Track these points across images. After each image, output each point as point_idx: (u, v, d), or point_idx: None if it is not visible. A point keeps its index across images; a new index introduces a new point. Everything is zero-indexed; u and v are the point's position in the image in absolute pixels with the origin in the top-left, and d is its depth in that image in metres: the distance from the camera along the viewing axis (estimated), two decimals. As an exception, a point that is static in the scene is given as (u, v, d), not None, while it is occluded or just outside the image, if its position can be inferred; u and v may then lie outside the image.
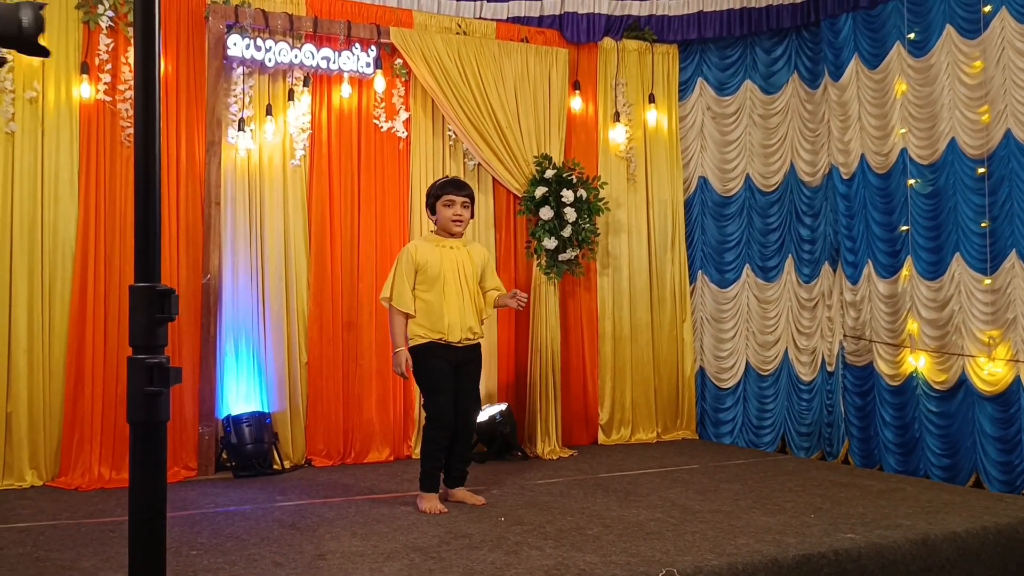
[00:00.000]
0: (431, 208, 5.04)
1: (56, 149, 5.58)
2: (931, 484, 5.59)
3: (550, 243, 6.48)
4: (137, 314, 1.54)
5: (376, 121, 6.48)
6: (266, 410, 6.03)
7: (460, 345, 4.89)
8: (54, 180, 5.57)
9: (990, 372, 5.63)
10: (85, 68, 5.61)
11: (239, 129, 5.99)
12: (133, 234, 5.44)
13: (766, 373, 7.26)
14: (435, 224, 5.05)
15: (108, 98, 5.68)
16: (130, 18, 5.72)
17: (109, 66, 5.69)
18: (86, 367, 5.53)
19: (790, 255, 7.19)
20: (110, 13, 5.66)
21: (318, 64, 6.16)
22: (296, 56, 6.09)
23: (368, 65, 6.32)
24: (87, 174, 5.63)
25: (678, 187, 7.45)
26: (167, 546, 1.62)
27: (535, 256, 6.62)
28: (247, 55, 5.93)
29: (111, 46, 5.70)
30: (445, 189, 4.99)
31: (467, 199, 5.01)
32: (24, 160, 5.50)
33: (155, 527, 1.51)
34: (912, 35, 6.14)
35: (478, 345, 5.02)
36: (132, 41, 5.67)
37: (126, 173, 5.71)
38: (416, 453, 6.47)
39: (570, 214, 6.48)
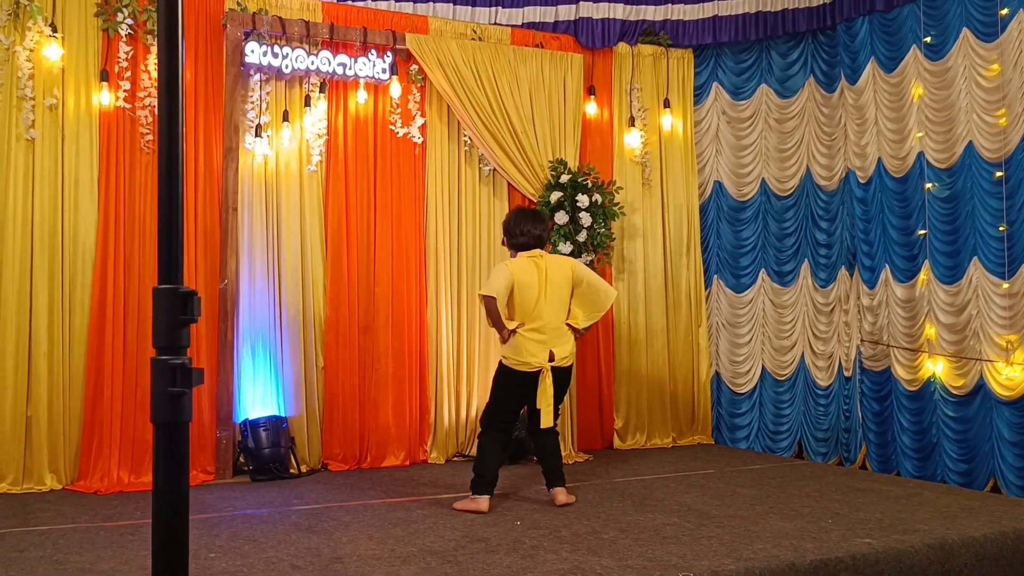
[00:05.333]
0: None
1: (76, 155, 5.64)
2: (949, 489, 5.56)
3: (565, 248, 6.49)
4: (160, 316, 1.56)
5: (392, 127, 6.51)
6: (283, 414, 6.06)
7: None
8: (74, 186, 5.63)
9: (1008, 377, 5.59)
10: (105, 75, 5.66)
11: (256, 135, 6.03)
12: (152, 239, 5.49)
13: (782, 378, 7.23)
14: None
15: (128, 105, 5.73)
16: (149, 25, 5.77)
17: (128, 73, 5.75)
18: (105, 371, 5.57)
19: (806, 259, 7.17)
20: (129, 21, 5.71)
21: (334, 70, 6.20)
22: (312, 62, 6.13)
23: (384, 71, 6.36)
24: (107, 180, 5.69)
25: (693, 192, 7.45)
26: (187, 547, 1.64)
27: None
28: (264, 62, 5.97)
29: (130, 53, 5.75)
30: None
31: None
32: (44, 166, 5.55)
33: (178, 525, 1.53)
34: (928, 38, 6.12)
35: None
36: (151, 49, 5.77)
37: (145, 179, 5.76)
38: (432, 457, 6.50)
39: (585, 219, 6.49)
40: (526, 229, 5.20)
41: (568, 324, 5.12)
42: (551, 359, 5.00)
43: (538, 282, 5.05)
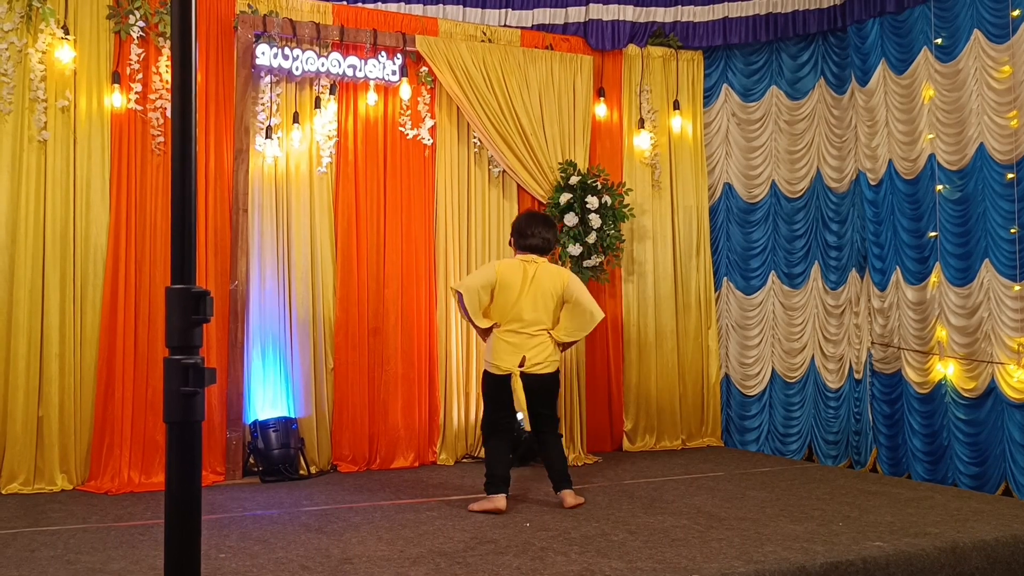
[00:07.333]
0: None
1: (88, 157, 5.66)
2: (960, 492, 5.53)
3: (575, 249, 6.49)
4: (173, 315, 1.56)
5: (402, 128, 6.52)
6: (292, 415, 6.07)
7: None
8: (86, 187, 5.65)
9: (1019, 379, 5.57)
10: (116, 77, 5.69)
11: (267, 137, 6.05)
12: (163, 241, 5.47)
13: (792, 380, 7.22)
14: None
15: (139, 107, 5.76)
16: (161, 28, 5.80)
17: (140, 75, 5.77)
18: (116, 372, 5.60)
19: (816, 261, 7.15)
20: (141, 23, 5.74)
21: (344, 72, 6.22)
22: (323, 64, 6.15)
23: (394, 73, 6.37)
24: (118, 181, 5.71)
25: (703, 193, 7.44)
26: (197, 547, 1.64)
27: (560, 262, 6.62)
28: (275, 64, 5.99)
29: (142, 56, 5.78)
30: None
31: None
32: (56, 168, 5.58)
33: (191, 524, 1.53)
34: (939, 40, 6.10)
35: None
36: (163, 51, 5.80)
37: (157, 180, 5.79)
38: (441, 459, 6.51)
39: (595, 220, 6.48)
40: (537, 231, 5.19)
41: (550, 334, 5.09)
42: (521, 364, 4.97)
43: (520, 285, 5.03)
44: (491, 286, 5.03)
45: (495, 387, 5.04)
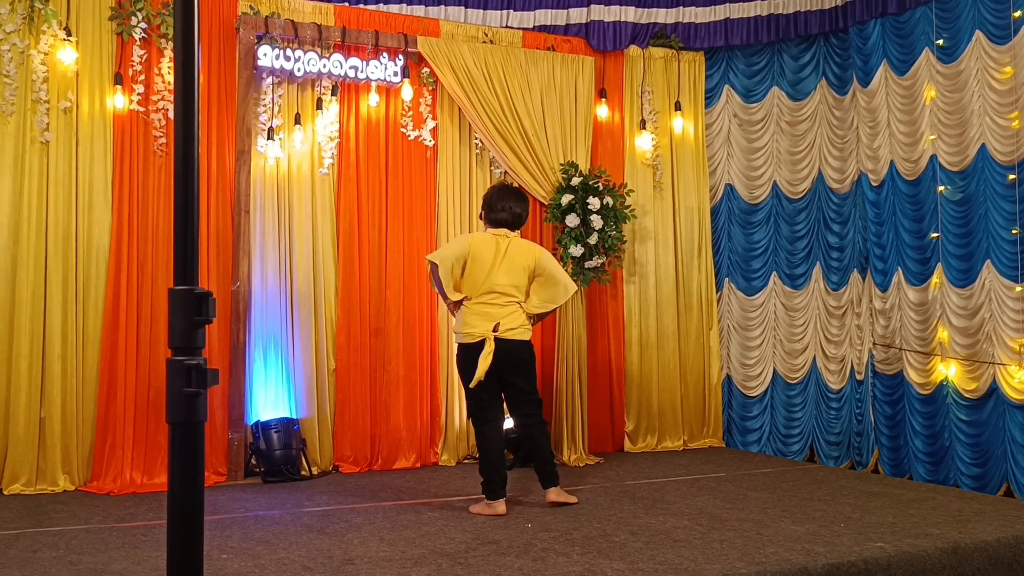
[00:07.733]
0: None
1: (90, 158, 5.67)
2: (961, 493, 5.53)
3: (576, 250, 6.49)
4: (176, 317, 1.57)
5: (403, 129, 6.53)
6: (294, 416, 6.08)
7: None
8: (88, 189, 5.66)
9: (1021, 380, 5.57)
10: (119, 79, 5.69)
11: (268, 138, 6.06)
12: (165, 242, 5.47)
13: (794, 381, 7.22)
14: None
15: (141, 108, 5.77)
16: (163, 29, 5.81)
17: (142, 77, 5.78)
18: (119, 373, 5.60)
19: (818, 262, 7.15)
20: (143, 25, 5.75)
21: (346, 73, 6.22)
22: (324, 65, 6.15)
23: (395, 74, 6.38)
24: (120, 183, 5.72)
25: (704, 194, 7.44)
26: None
27: (561, 263, 6.62)
28: (277, 65, 6.00)
29: (144, 57, 5.79)
30: None
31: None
32: (59, 169, 5.59)
33: (193, 525, 1.54)
34: (941, 41, 6.10)
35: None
36: (165, 52, 5.81)
37: (159, 182, 5.80)
38: (442, 460, 6.51)
39: (596, 221, 6.49)
40: (507, 205, 5.16)
41: (520, 305, 5.07)
42: (495, 330, 4.95)
43: (493, 259, 5.01)
44: (464, 258, 5.01)
45: (472, 359, 4.96)
